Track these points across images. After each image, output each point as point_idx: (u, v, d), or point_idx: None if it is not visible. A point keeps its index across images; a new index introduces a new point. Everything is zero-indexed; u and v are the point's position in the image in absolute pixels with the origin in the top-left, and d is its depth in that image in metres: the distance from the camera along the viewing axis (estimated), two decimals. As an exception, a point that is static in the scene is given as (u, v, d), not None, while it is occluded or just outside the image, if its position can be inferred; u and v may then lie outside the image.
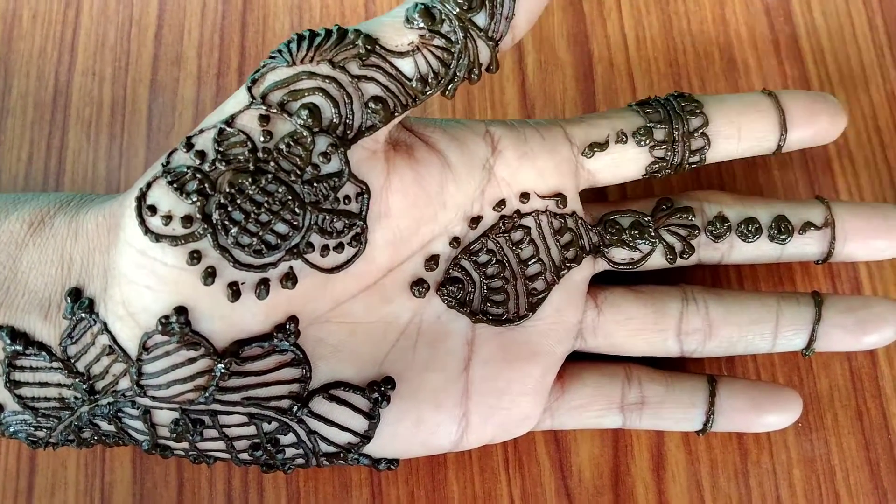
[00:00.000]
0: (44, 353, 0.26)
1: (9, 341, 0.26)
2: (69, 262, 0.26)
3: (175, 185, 0.25)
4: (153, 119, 0.35)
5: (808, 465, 0.32)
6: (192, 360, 0.26)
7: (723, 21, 0.37)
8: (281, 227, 0.25)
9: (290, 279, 0.26)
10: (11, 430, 0.27)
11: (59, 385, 0.26)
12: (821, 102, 0.30)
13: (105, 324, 0.26)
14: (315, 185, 0.25)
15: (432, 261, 0.28)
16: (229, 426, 0.27)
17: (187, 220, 0.24)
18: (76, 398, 0.27)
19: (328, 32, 0.25)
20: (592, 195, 0.33)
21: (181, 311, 0.25)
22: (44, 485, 0.31)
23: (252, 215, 0.25)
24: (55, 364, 0.26)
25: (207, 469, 0.31)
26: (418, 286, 0.28)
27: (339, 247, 0.26)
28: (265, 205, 0.25)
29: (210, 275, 0.25)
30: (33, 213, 0.27)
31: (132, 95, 0.35)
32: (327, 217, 0.26)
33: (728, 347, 0.31)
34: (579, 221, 0.30)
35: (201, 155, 0.25)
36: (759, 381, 0.32)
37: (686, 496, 0.31)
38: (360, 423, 0.28)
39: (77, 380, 0.26)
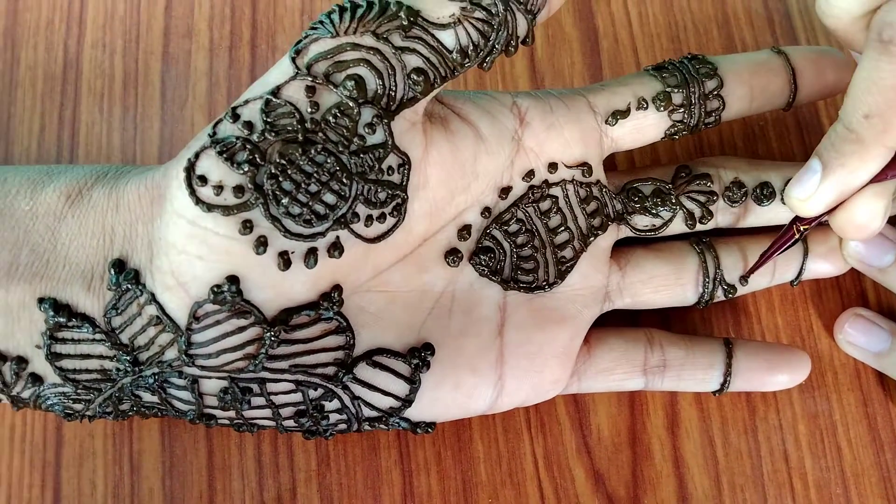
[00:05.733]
0: (87, 325, 0.26)
1: (52, 313, 0.26)
2: (111, 234, 0.26)
3: (225, 156, 0.25)
4: (167, 91, 0.35)
5: (812, 420, 0.33)
6: (241, 329, 0.26)
7: (722, -1, 0.38)
8: (329, 198, 0.26)
9: (336, 248, 0.26)
10: (49, 402, 0.27)
11: (100, 357, 0.26)
12: (827, 57, 0.31)
13: (153, 294, 0.26)
14: (361, 155, 0.26)
15: (465, 230, 0.29)
16: (276, 393, 0.27)
17: (239, 189, 0.25)
18: (118, 370, 0.27)
19: (370, 4, 0.25)
20: (607, 164, 0.34)
21: (233, 280, 0.25)
22: (71, 455, 0.31)
23: (302, 185, 0.25)
24: (98, 336, 0.26)
25: (237, 435, 0.31)
26: (452, 255, 0.29)
27: (382, 217, 0.27)
28: (315, 175, 0.25)
29: (262, 244, 0.25)
30: (70, 185, 0.27)
31: (144, 67, 0.35)
32: (372, 187, 0.26)
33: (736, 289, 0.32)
34: (604, 190, 0.31)
35: (249, 126, 0.25)
36: (771, 342, 0.34)
37: (700, 451, 0.33)
38: (401, 388, 0.28)
39: (120, 351, 0.26)
